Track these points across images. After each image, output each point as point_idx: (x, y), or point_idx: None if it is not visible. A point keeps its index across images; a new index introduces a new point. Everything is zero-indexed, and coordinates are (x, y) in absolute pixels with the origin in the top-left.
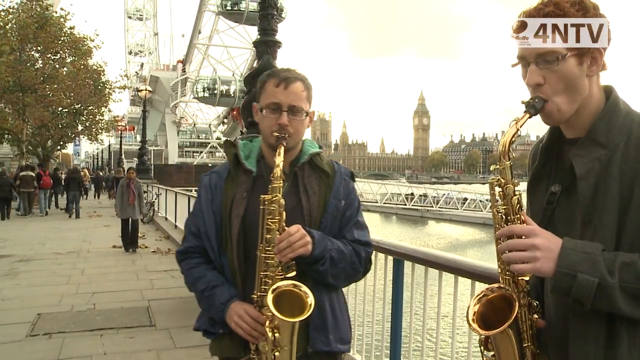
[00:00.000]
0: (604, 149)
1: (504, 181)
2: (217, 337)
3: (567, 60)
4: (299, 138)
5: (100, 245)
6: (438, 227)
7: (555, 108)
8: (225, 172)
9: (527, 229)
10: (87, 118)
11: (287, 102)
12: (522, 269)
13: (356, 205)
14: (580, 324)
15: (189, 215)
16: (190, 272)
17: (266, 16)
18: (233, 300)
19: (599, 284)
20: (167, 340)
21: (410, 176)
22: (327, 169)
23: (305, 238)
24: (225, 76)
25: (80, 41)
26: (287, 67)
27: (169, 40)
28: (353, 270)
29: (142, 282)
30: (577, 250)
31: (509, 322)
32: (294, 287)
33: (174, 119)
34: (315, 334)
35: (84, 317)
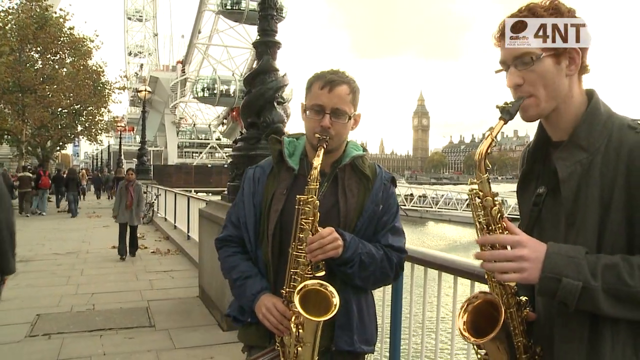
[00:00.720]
0: (585, 152)
1: (482, 193)
2: (244, 325)
3: (543, 60)
4: (341, 141)
5: (99, 245)
6: (437, 228)
7: (535, 102)
8: (269, 167)
9: (514, 240)
10: (87, 119)
11: (330, 104)
12: (509, 278)
13: (394, 211)
14: (564, 323)
15: (232, 205)
16: (226, 260)
17: (266, 17)
18: (263, 292)
19: (583, 287)
20: (167, 341)
21: (410, 177)
22: (368, 172)
23: (337, 241)
24: (225, 76)
25: (79, 42)
26: (335, 69)
27: (169, 41)
28: (382, 274)
29: (142, 283)
30: (562, 254)
31: (496, 331)
32: (320, 286)
33: (174, 119)
34: (339, 332)
35: (84, 317)
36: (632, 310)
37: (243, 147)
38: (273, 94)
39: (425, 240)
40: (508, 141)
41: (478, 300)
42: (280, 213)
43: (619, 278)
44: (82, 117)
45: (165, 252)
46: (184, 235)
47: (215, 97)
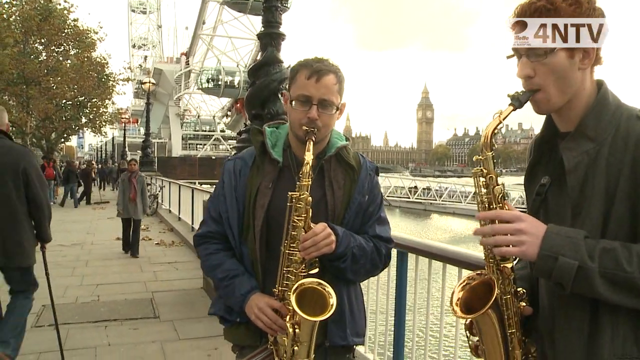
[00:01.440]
0: (592, 143)
1: (486, 171)
2: (233, 325)
3: (557, 54)
4: (328, 132)
5: (104, 237)
6: (441, 221)
7: (545, 97)
8: (251, 159)
9: (513, 215)
10: (91, 110)
11: (317, 95)
12: (507, 251)
13: (379, 201)
14: (565, 314)
15: (210, 199)
16: (208, 258)
17: (270, 8)
18: (254, 292)
19: (579, 267)
20: (171, 332)
21: (414, 169)
22: (353, 162)
23: (330, 237)
24: (229, 67)
25: (83, 33)
26: (319, 56)
27: (173, 33)
28: (373, 266)
29: (146, 274)
30: (561, 234)
31: (487, 306)
32: (318, 285)
33: (178, 111)
34: (333, 327)
35: (89, 308)
36: (627, 297)
37: (247, 139)
38: (277, 86)
39: (430, 233)
40: (512, 134)
41: (475, 281)
42: (267, 208)
43: (616, 263)
44: (87, 108)
45: (170, 243)
46: (188, 227)
47: (219, 89)
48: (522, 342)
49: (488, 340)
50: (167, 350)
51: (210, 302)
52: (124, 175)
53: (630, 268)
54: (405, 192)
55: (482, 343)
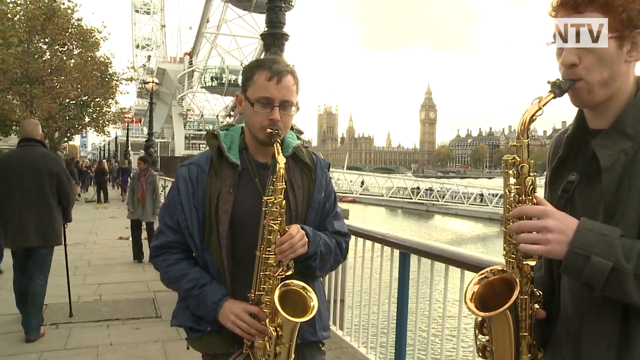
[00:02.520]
0: (631, 141)
1: (519, 159)
2: (203, 334)
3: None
4: (287, 132)
5: (106, 236)
6: (444, 222)
7: (587, 88)
8: (207, 164)
9: (539, 210)
10: (94, 110)
11: (279, 97)
12: (532, 249)
13: (333, 197)
14: (594, 322)
15: (163, 208)
16: (170, 269)
17: (274, 8)
18: (226, 299)
19: (613, 268)
20: (173, 332)
21: (417, 170)
22: (309, 161)
23: (304, 239)
24: (233, 66)
25: (87, 33)
26: (273, 56)
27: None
28: (335, 262)
29: (148, 274)
30: (595, 231)
31: (509, 304)
32: (302, 289)
33: (181, 111)
34: (304, 325)
35: (91, 307)
36: None
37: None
38: None
39: (432, 234)
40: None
41: (495, 276)
42: (231, 213)
43: None
44: (90, 108)
45: None
46: None
47: (223, 87)
48: (531, 346)
49: (499, 341)
50: (168, 350)
51: None
52: (134, 174)
53: None
54: (408, 192)
55: (491, 343)
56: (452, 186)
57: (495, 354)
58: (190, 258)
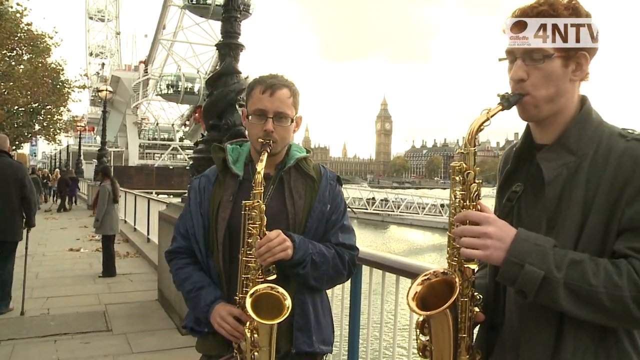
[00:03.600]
0: (573, 156)
1: (465, 166)
2: (202, 335)
3: (553, 60)
4: (285, 144)
5: (56, 248)
6: (399, 232)
7: (533, 103)
8: (214, 176)
9: (482, 216)
10: (45, 118)
11: (272, 108)
12: (471, 254)
13: (342, 209)
14: (533, 327)
15: (179, 216)
16: (178, 272)
17: (229, 19)
18: (217, 302)
19: (545, 277)
20: (124, 346)
21: (372, 181)
22: (313, 173)
23: (285, 243)
24: (189, 73)
25: (38, 38)
26: (274, 73)
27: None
28: (336, 273)
29: (99, 286)
30: (530, 241)
31: (448, 304)
32: (271, 289)
33: (135, 120)
34: (299, 334)
35: (37, 322)
36: (589, 311)
37: (204, 150)
38: (235, 96)
39: (388, 244)
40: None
41: (437, 278)
42: (229, 220)
43: (583, 275)
44: (40, 116)
45: (125, 254)
46: (144, 237)
47: (179, 95)
48: (470, 348)
49: (438, 341)
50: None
51: (166, 315)
52: (107, 186)
53: (596, 281)
54: (363, 203)
55: (431, 343)
56: (407, 197)
57: (434, 354)
58: (197, 263)
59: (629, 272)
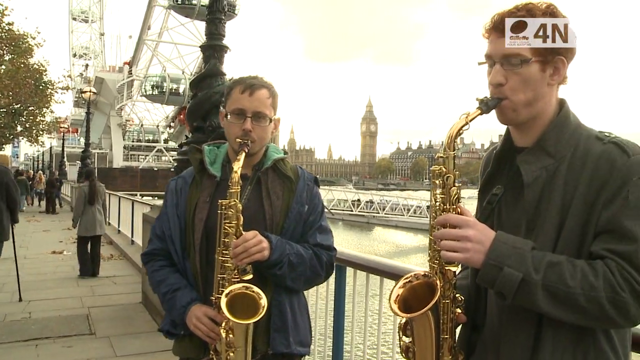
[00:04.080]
0: (551, 159)
1: (445, 170)
2: (178, 338)
3: (531, 65)
4: (263, 144)
5: (38, 251)
6: (385, 233)
7: (511, 107)
8: (191, 177)
9: (461, 220)
10: (27, 119)
11: (251, 108)
12: (451, 257)
13: (320, 210)
14: (512, 328)
15: (157, 218)
16: (154, 274)
17: (214, 20)
18: (193, 303)
19: (523, 279)
20: (107, 349)
21: (357, 182)
22: (291, 174)
23: (261, 244)
24: (174, 74)
25: (20, 38)
26: (254, 75)
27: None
28: (313, 273)
29: (82, 289)
30: (508, 244)
31: (429, 306)
32: (245, 289)
33: (120, 121)
34: (276, 335)
35: (18, 326)
36: (567, 312)
37: (188, 151)
38: (219, 98)
39: (373, 245)
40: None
41: (418, 281)
42: (205, 221)
43: (560, 277)
44: (22, 117)
45: (108, 257)
46: (128, 239)
47: (164, 96)
48: (452, 348)
49: (421, 342)
50: None
51: (150, 317)
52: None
53: (573, 283)
54: (349, 205)
55: (414, 344)
56: (393, 198)
57: (417, 355)
58: (173, 265)
59: (605, 273)
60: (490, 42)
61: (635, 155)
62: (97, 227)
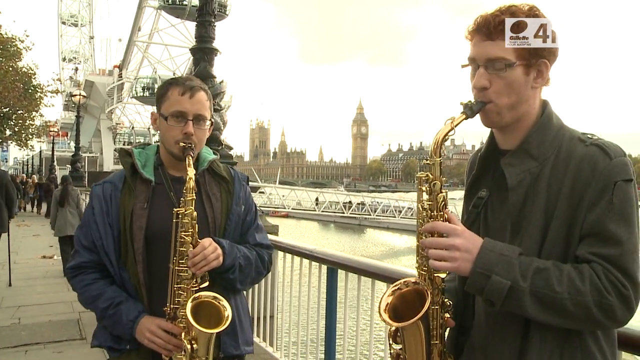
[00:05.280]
0: (535, 162)
1: (432, 177)
2: (123, 353)
3: (515, 69)
4: (202, 147)
5: (28, 256)
6: (376, 235)
7: (496, 110)
8: (121, 182)
9: (449, 228)
10: (16, 123)
11: (193, 110)
12: (440, 266)
13: (254, 209)
14: (500, 330)
15: (79, 227)
16: (87, 289)
17: (204, 23)
18: (142, 316)
19: (511, 287)
20: (99, 354)
21: (349, 184)
22: (225, 174)
23: (217, 251)
24: (165, 76)
25: (8, 41)
26: (186, 75)
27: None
28: (258, 274)
29: (73, 294)
30: (495, 251)
31: (420, 315)
32: (213, 298)
33: (110, 125)
34: (226, 338)
35: (7, 332)
36: (554, 316)
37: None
38: None
39: (365, 248)
40: (445, 149)
41: (407, 288)
42: (145, 229)
43: (547, 283)
44: (11, 120)
45: None
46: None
47: (154, 97)
48: (442, 353)
49: (412, 350)
50: None
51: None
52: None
53: (560, 288)
54: (340, 207)
55: (404, 352)
56: (384, 200)
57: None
58: (107, 277)
59: (591, 277)
60: (474, 44)
61: (617, 157)
62: (68, 228)
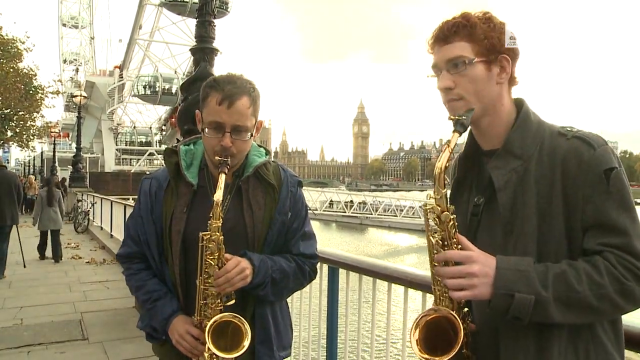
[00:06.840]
0: (519, 160)
1: (440, 209)
2: (159, 341)
3: (475, 65)
4: (243, 155)
5: (31, 256)
6: (378, 234)
7: (465, 105)
8: (165, 181)
9: (464, 256)
10: (17, 124)
11: (230, 122)
12: (460, 295)
13: (303, 215)
14: (510, 333)
15: (130, 216)
16: (131, 278)
17: (203, 23)
18: (175, 315)
19: (536, 300)
20: (100, 354)
21: (350, 184)
22: (274, 180)
23: (244, 272)
24: (166, 74)
25: (9, 43)
26: (232, 74)
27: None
28: (296, 284)
29: (75, 294)
30: (511, 269)
31: (456, 348)
32: (233, 317)
33: (111, 125)
34: (260, 347)
35: (9, 333)
36: (579, 315)
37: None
38: None
39: (368, 247)
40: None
41: (431, 316)
42: (183, 233)
43: (568, 285)
44: (12, 122)
45: (101, 262)
46: (120, 244)
47: (156, 96)
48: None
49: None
50: None
51: None
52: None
53: (581, 287)
54: (342, 206)
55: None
56: (385, 199)
57: None
58: (151, 268)
59: (607, 268)
60: (435, 53)
61: (600, 146)
62: (51, 224)
